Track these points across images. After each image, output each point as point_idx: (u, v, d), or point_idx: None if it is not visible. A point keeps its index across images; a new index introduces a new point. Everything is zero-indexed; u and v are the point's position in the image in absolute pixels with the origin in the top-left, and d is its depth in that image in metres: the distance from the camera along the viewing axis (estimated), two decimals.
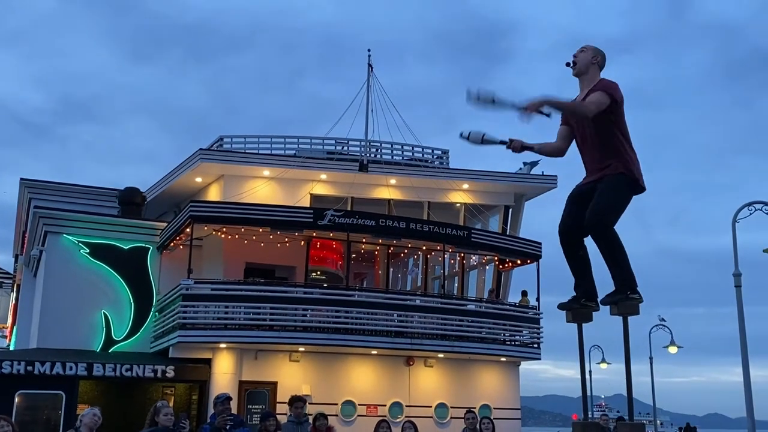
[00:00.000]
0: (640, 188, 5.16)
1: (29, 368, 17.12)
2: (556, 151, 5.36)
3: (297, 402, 9.83)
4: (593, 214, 4.97)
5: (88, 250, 20.53)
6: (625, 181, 5.06)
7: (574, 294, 5.37)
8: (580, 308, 5.36)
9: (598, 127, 4.99)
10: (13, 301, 30.17)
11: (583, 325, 5.49)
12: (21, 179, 24.62)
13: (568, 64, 5.16)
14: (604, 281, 5.23)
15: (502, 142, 5.06)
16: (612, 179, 5.02)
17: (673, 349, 28.50)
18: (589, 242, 5.24)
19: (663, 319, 29.30)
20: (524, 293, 22.31)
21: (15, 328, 27.06)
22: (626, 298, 5.04)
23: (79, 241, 20.53)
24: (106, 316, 20.31)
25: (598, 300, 5.27)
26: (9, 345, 29.26)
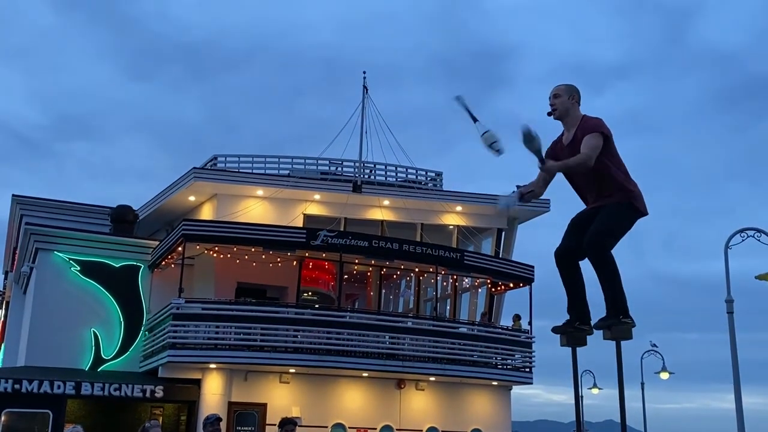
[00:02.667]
0: (641, 214, 5.22)
1: (16, 386, 16.95)
2: (534, 197, 5.46)
3: (288, 424, 9.70)
4: (592, 234, 5.01)
5: (78, 268, 20.42)
6: (625, 209, 5.11)
7: (568, 317, 5.36)
8: (574, 332, 5.35)
9: (596, 163, 5.03)
10: (2, 318, 29.93)
11: (576, 349, 5.46)
12: (13, 195, 24.56)
13: (549, 114, 5.24)
14: (597, 306, 5.22)
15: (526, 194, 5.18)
16: (614, 206, 5.08)
17: (664, 375, 28.40)
18: (585, 266, 5.25)
19: (655, 345, 29.22)
20: (517, 317, 22.26)
21: (3, 345, 26.82)
22: (619, 323, 5.04)
23: (70, 259, 20.43)
24: (95, 335, 20.17)
25: (592, 324, 5.27)
26: None
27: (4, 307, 29.97)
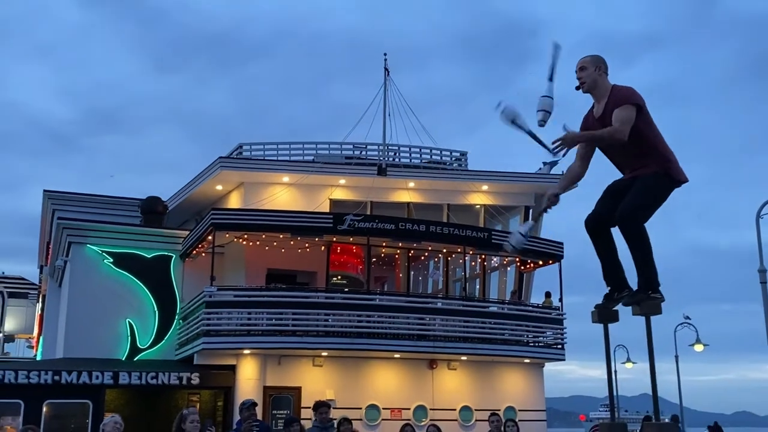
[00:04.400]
0: (679, 183, 5.13)
1: (56, 378, 17.31)
2: (576, 179, 5.41)
3: (322, 407, 9.84)
4: (625, 208, 4.95)
5: (111, 260, 20.72)
6: (661, 180, 5.03)
7: (608, 288, 5.32)
8: (611, 304, 5.31)
9: (630, 134, 4.96)
10: (39, 312, 30.53)
11: (609, 324, 5.47)
12: (44, 191, 24.94)
13: (577, 88, 5.17)
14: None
15: (539, 214, 5.16)
16: (648, 178, 5.00)
17: (698, 347, 28.19)
18: (617, 236, 5.20)
19: (688, 317, 28.99)
20: (548, 294, 22.20)
21: (41, 338, 27.38)
22: (648, 298, 5.01)
23: (102, 251, 20.73)
24: (130, 325, 20.49)
25: (629, 291, 5.20)
26: (36, 355, 29.62)
27: (40, 300, 30.56)
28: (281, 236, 19.30)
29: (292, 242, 19.56)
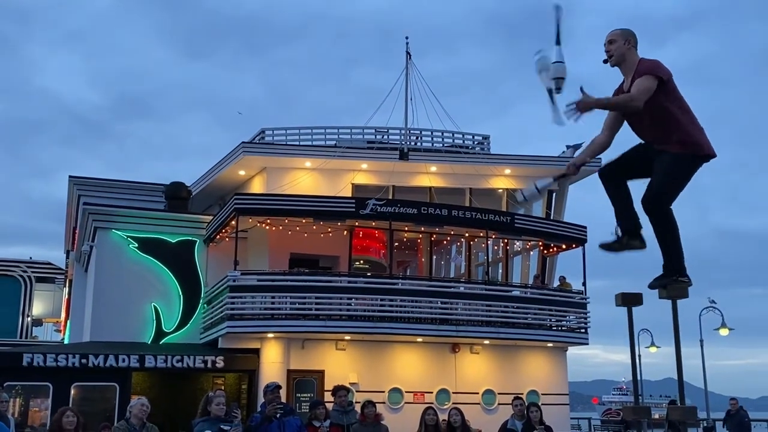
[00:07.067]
0: (707, 158, 5.04)
1: (84, 361, 17.57)
2: (600, 150, 5.31)
3: (340, 391, 9.94)
4: (650, 192, 4.89)
5: (136, 245, 20.93)
6: (686, 158, 4.95)
7: (618, 234, 5.22)
8: (622, 247, 5.22)
9: (653, 108, 4.89)
10: (66, 296, 30.98)
11: (633, 308, 5.45)
12: (70, 177, 25.22)
13: (605, 61, 5.11)
14: (654, 267, 5.14)
15: (559, 177, 5.31)
16: (672, 157, 4.92)
17: (724, 331, 27.95)
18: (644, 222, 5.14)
19: (713, 301, 28.73)
20: (562, 279, 22.12)
21: (68, 322, 27.81)
22: (675, 282, 4.97)
23: (127, 236, 20.95)
24: (156, 309, 20.72)
25: (642, 237, 5.13)
26: (63, 339, 30.09)
27: (67, 285, 31.00)
28: (304, 221, 19.38)
29: (314, 227, 19.63)
